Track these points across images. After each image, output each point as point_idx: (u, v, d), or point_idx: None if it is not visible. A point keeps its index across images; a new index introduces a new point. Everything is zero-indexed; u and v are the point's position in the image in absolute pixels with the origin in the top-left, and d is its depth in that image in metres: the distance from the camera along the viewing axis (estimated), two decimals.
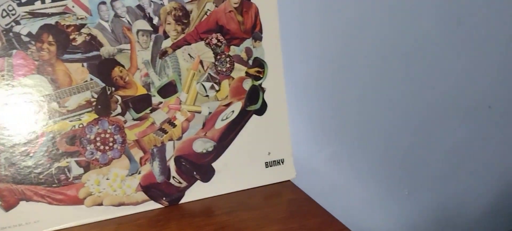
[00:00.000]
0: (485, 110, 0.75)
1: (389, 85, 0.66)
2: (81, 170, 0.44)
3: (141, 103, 0.45)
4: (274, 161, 0.51)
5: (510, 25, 0.71)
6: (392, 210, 0.73)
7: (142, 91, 0.45)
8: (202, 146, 0.48)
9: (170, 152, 0.47)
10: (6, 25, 0.41)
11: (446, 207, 0.77)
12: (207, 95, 0.48)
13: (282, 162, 0.51)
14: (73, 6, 0.43)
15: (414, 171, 0.72)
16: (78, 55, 0.43)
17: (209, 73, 0.48)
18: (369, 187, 0.70)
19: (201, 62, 0.47)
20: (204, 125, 0.48)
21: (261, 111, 0.50)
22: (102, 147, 0.44)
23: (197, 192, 0.48)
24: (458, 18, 0.66)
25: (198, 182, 0.48)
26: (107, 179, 0.44)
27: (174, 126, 0.46)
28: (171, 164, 0.47)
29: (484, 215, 0.81)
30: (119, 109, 0.44)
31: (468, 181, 0.77)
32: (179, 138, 0.47)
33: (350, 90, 0.63)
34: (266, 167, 0.51)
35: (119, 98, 0.44)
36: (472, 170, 0.77)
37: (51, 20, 0.42)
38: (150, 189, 0.46)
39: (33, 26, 0.41)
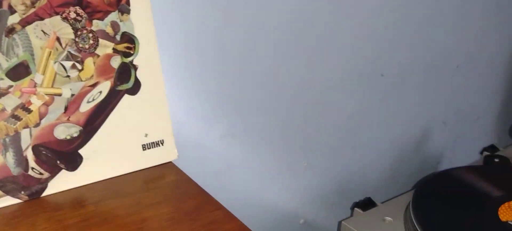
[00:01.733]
0: (378, 79, 0.77)
1: (281, 57, 0.65)
2: None
3: None
4: (152, 143, 0.48)
5: None
6: (291, 182, 0.73)
7: None
8: (65, 131, 0.43)
9: (27, 140, 0.42)
10: None
11: (344, 175, 0.79)
12: (68, 76, 0.43)
13: (162, 143, 0.49)
14: None
15: (312, 142, 0.73)
16: None
17: (68, 51, 0.43)
18: (267, 161, 0.69)
19: (58, 39, 0.42)
20: (66, 108, 0.43)
21: (134, 90, 0.47)
22: None
23: (62, 182, 0.43)
24: None
25: (64, 171, 0.44)
26: None
27: (29, 111, 0.42)
28: (29, 154, 0.42)
29: (381, 180, 0.84)
30: None
31: (364, 148, 0.80)
32: (37, 125, 0.42)
33: (240, 64, 0.61)
34: (144, 150, 0.48)
35: None
36: (368, 138, 0.80)
37: None
38: (5, 183, 0.41)
39: None
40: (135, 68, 0.47)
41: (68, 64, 0.43)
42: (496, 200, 0.64)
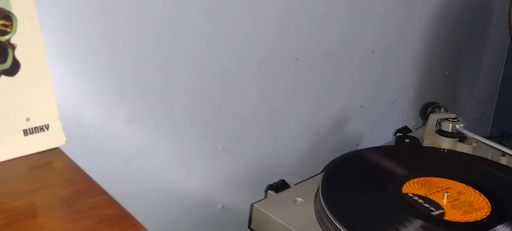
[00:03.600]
0: (293, 62, 0.77)
1: (191, 37, 0.63)
2: None
3: None
4: (35, 128, 0.45)
5: None
6: (206, 167, 0.72)
7: None
8: None
9: None
10: None
11: (262, 158, 0.79)
12: None
13: (47, 128, 0.46)
14: None
15: (227, 126, 0.72)
16: None
17: None
18: (179, 146, 0.68)
19: None
20: None
21: (12, 71, 0.44)
22: None
23: None
24: None
25: None
26: None
27: None
28: None
29: (300, 162, 0.85)
30: None
31: (281, 132, 0.80)
32: None
33: (144, 44, 0.59)
34: (25, 135, 0.45)
35: None
36: (285, 121, 0.80)
37: None
38: None
39: None
40: (13, 47, 0.43)
41: None
42: (400, 178, 0.66)
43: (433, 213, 0.58)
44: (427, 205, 0.59)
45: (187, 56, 0.64)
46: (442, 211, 0.59)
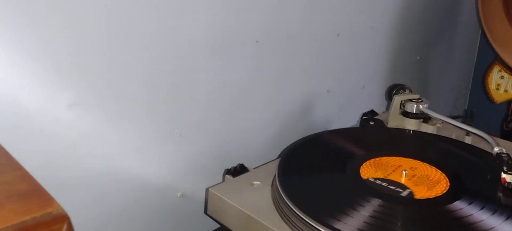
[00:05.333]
0: (253, 45, 0.75)
1: (142, 17, 0.61)
2: None
3: None
4: None
5: None
6: (162, 154, 0.70)
7: None
8: None
9: None
10: None
11: (224, 144, 0.77)
12: None
13: None
14: None
15: (183, 111, 0.70)
16: None
17: None
18: (131, 131, 0.65)
19: None
20: None
21: None
22: None
23: None
24: None
25: None
26: None
27: None
28: None
29: (265, 148, 0.83)
30: None
31: (244, 116, 0.78)
32: None
33: (88, 21, 0.56)
34: None
35: None
36: (248, 105, 0.78)
37: None
38: None
39: None
40: None
41: None
42: (358, 159, 0.64)
43: (402, 195, 0.56)
44: (392, 187, 0.57)
45: (137, 36, 0.61)
46: (409, 190, 0.57)
